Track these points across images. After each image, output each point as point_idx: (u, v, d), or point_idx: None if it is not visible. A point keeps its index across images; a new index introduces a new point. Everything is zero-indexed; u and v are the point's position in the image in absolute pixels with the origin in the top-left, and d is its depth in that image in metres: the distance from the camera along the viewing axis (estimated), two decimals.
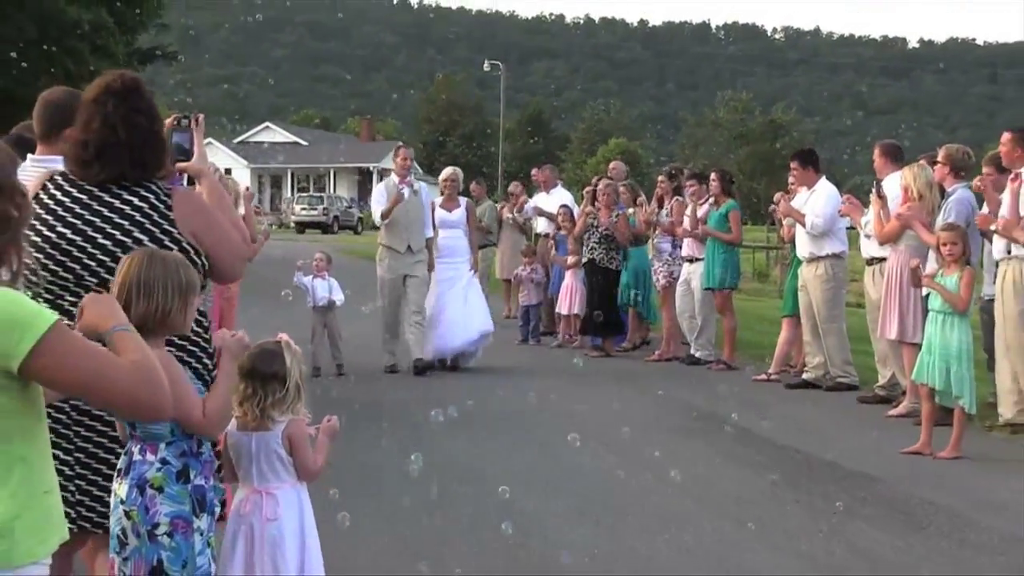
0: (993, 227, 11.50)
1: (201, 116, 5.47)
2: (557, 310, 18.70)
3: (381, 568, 7.02)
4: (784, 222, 15.89)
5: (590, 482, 9.59)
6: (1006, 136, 11.88)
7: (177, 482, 4.51)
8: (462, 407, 12.50)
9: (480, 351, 16.13)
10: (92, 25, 28.34)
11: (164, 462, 4.50)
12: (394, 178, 16.17)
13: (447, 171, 16.95)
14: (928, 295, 10.91)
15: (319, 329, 14.93)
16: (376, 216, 16.10)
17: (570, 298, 17.87)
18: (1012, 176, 11.34)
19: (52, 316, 2.98)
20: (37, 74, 24.69)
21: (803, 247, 14.55)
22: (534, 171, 22.54)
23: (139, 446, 4.49)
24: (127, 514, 4.49)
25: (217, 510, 4.77)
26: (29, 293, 3.18)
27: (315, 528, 5.15)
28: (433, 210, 16.11)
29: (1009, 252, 11.50)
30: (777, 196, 15.99)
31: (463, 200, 16.93)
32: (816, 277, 14.37)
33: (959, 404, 10.43)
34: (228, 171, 57.53)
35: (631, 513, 8.64)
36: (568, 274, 17.95)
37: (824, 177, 15.05)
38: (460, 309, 15.78)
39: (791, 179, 16.11)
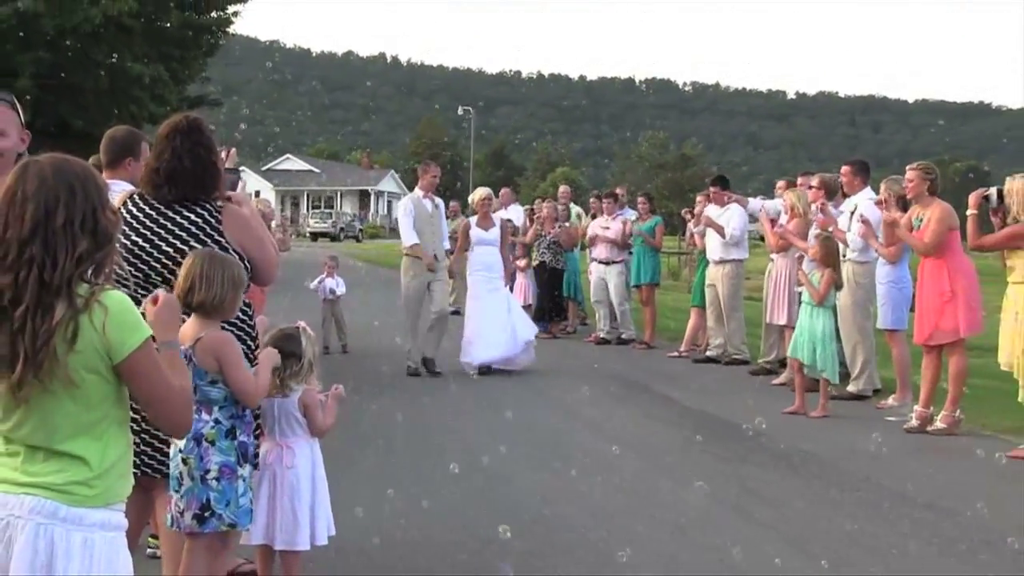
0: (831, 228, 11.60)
1: (234, 149, 5.54)
2: None
3: (363, 495, 6.98)
4: (695, 231, 15.91)
5: (543, 436, 9.57)
6: (845, 168, 12.05)
7: (226, 438, 4.55)
8: (441, 376, 12.55)
9: (525, 357, 13.42)
10: (151, 78, 28.45)
11: (217, 421, 4.54)
12: (419, 192, 13.62)
13: (480, 192, 14.16)
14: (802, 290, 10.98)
15: (328, 316, 14.88)
16: (407, 239, 13.31)
17: (523, 292, 17.79)
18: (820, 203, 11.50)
19: (148, 329, 3.01)
20: (108, 116, 24.64)
21: (714, 252, 14.58)
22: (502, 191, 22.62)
23: (196, 407, 4.45)
24: (184, 460, 4.52)
25: (257, 461, 4.80)
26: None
27: (324, 474, 5.14)
28: (468, 228, 13.76)
29: (844, 256, 11.63)
30: (692, 212, 15.92)
31: (497, 219, 14.06)
32: (723, 276, 14.44)
33: (823, 376, 10.51)
34: (257, 193, 57.51)
35: (574, 460, 8.63)
36: (520, 274, 17.84)
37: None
38: (505, 319, 13.24)
39: (697, 200, 16.27)
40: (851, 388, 11.68)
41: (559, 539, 6.42)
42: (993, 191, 8.94)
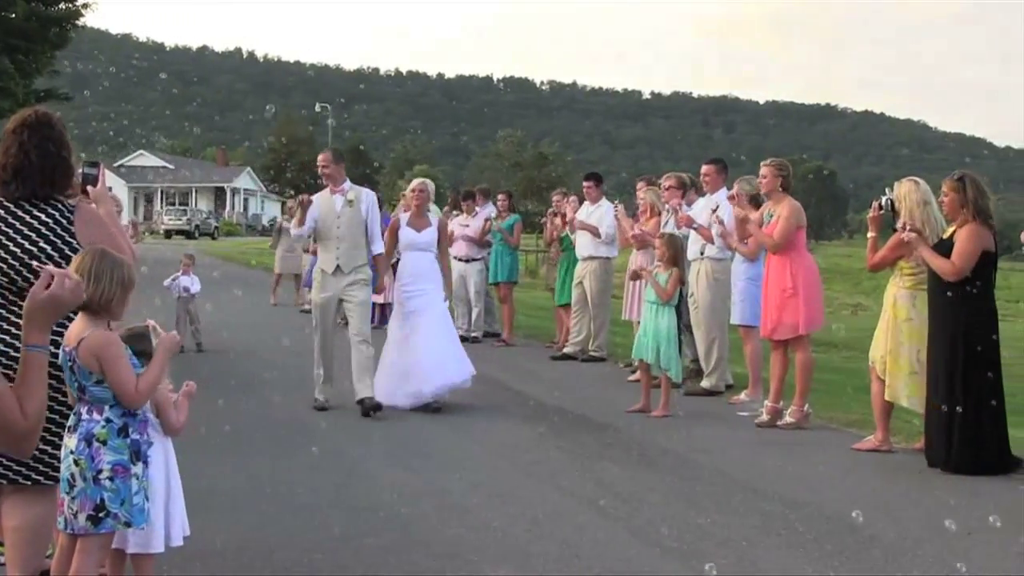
0: (695, 226, 11.81)
1: (102, 165, 5.44)
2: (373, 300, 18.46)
3: (218, 494, 6.91)
4: (550, 225, 16.06)
5: (400, 433, 9.55)
6: (709, 168, 12.21)
7: (118, 436, 4.49)
8: (299, 376, 12.41)
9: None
10: None
11: (108, 420, 4.47)
12: (328, 188, 11.00)
13: (415, 182, 11.64)
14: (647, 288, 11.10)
15: (182, 315, 14.63)
16: (292, 230, 11.41)
17: (385, 292, 17.64)
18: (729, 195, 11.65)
19: None
20: None
21: (583, 249, 14.69)
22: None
23: (87, 407, 4.45)
24: (76, 462, 4.45)
25: (150, 459, 4.71)
26: None
27: (178, 474, 5.05)
28: (396, 228, 11.32)
29: (702, 253, 11.90)
30: (561, 215, 15.93)
31: (434, 218, 11.59)
32: (591, 272, 14.55)
33: (668, 374, 10.67)
34: (110, 188, 56.18)
35: (431, 457, 8.64)
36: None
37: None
38: (440, 345, 10.85)
39: (554, 199, 16.47)
40: (705, 384, 11.93)
41: (415, 535, 6.42)
42: (884, 200, 9.08)
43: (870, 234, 9.31)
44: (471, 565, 5.87)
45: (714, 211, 11.47)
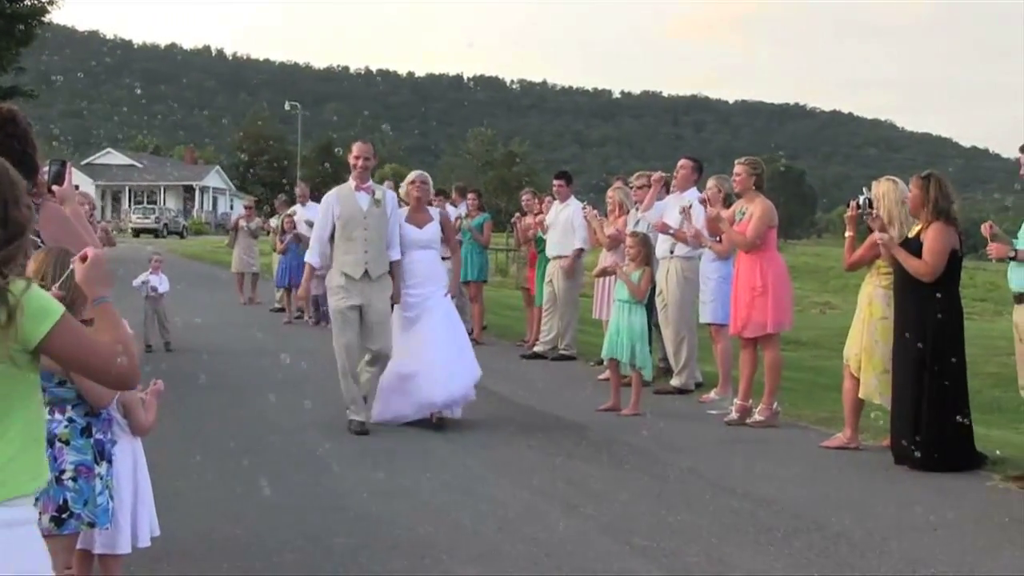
0: (671, 231, 11.83)
1: (69, 163, 5.39)
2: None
3: (188, 494, 6.88)
4: (520, 225, 16.08)
5: (371, 432, 9.51)
6: (687, 162, 12.26)
7: (81, 436, 4.46)
8: (271, 375, 12.37)
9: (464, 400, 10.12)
10: None
11: (71, 420, 4.44)
12: (350, 183, 9.86)
13: (413, 174, 10.53)
14: (617, 287, 11.11)
15: (150, 314, 14.54)
16: (312, 251, 10.04)
17: None
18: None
19: (60, 308, 2.96)
20: None
21: (553, 248, 14.70)
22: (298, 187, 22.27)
23: (48, 408, 4.36)
24: None
25: (115, 459, 4.68)
26: None
27: (147, 474, 5.02)
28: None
29: (672, 252, 11.93)
30: (534, 215, 15.90)
31: (435, 211, 10.57)
32: (561, 271, 14.55)
33: (640, 372, 10.70)
34: (77, 187, 55.81)
35: (401, 457, 8.63)
36: None
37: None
38: (446, 350, 9.84)
39: (523, 199, 16.49)
40: (674, 382, 11.97)
41: (385, 534, 6.41)
42: (862, 199, 9.11)
43: (847, 233, 9.33)
44: (441, 564, 5.87)
45: (687, 208, 11.50)
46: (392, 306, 9.88)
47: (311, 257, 10.04)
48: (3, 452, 2.93)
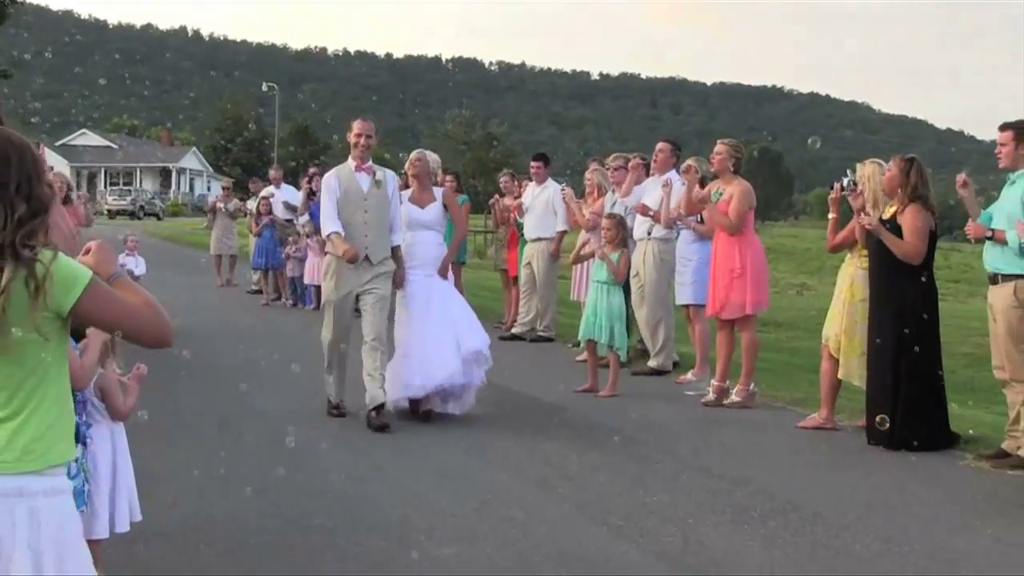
0: (651, 213, 11.83)
1: (43, 144, 5.33)
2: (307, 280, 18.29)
3: (166, 477, 6.87)
4: (499, 207, 16.08)
5: (349, 418, 9.50)
6: (665, 145, 12.25)
7: None
8: (250, 357, 12.35)
9: (473, 389, 9.58)
10: None
11: None
12: (350, 163, 9.38)
13: (414, 153, 10.15)
14: (594, 269, 11.10)
15: None
16: (324, 226, 9.48)
17: (312, 271, 17.38)
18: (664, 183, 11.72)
19: (87, 271, 3.02)
20: None
21: (531, 230, 14.68)
22: (272, 170, 22.25)
23: None
24: None
25: (90, 442, 4.68)
26: None
27: (128, 459, 4.99)
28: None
29: (649, 233, 11.94)
30: (508, 204, 15.88)
31: (439, 191, 10.00)
32: (540, 253, 14.55)
33: (617, 352, 10.72)
34: (51, 168, 55.58)
35: (379, 439, 8.63)
36: (311, 253, 17.46)
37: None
38: (445, 331, 9.35)
39: (501, 180, 16.48)
40: (652, 364, 11.99)
41: (362, 517, 6.42)
42: (845, 181, 9.12)
43: (831, 215, 9.33)
44: (419, 546, 5.88)
45: (668, 184, 11.53)
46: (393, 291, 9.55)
47: (334, 225, 9.23)
48: (42, 421, 2.98)
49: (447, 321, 9.41)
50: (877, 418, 8.26)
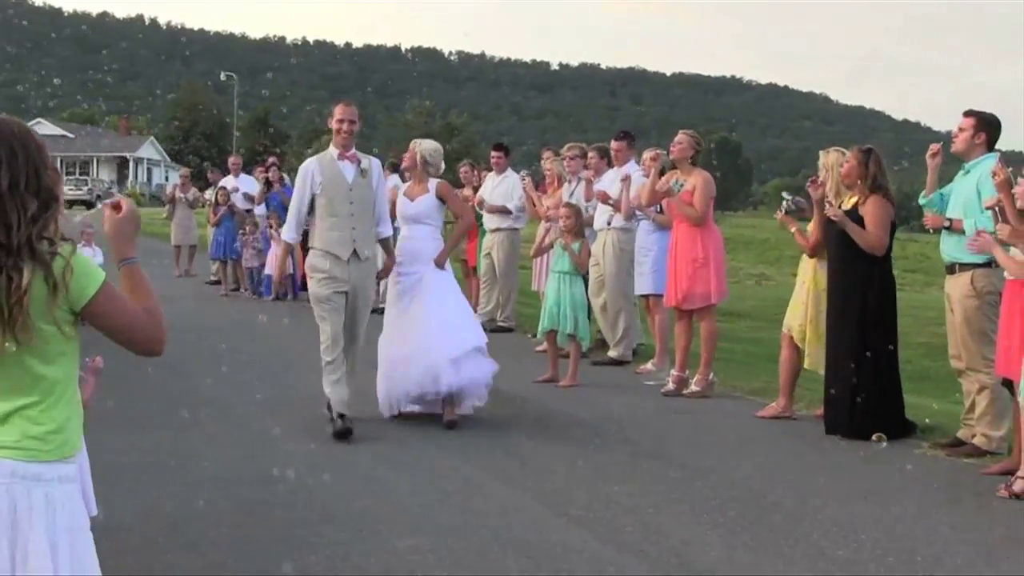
0: (611, 201, 11.84)
1: None
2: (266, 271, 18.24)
3: (123, 468, 6.83)
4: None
5: (309, 406, 9.43)
6: (620, 144, 12.23)
7: None
8: (209, 348, 12.27)
9: (483, 384, 8.99)
10: None
11: None
12: (332, 151, 8.68)
13: (412, 144, 9.39)
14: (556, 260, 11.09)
15: None
16: (288, 227, 8.93)
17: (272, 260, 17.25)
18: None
19: (103, 273, 3.03)
20: None
21: (492, 221, 14.66)
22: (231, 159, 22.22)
23: None
24: None
25: None
26: None
27: (84, 452, 4.92)
28: (394, 198, 9.60)
29: (609, 223, 11.95)
30: (467, 195, 15.84)
31: (433, 184, 9.14)
32: (498, 243, 14.55)
33: (580, 342, 10.74)
34: None
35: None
36: (273, 243, 17.36)
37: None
38: (441, 332, 8.73)
39: (461, 171, 16.43)
40: (612, 354, 12.02)
41: (321, 507, 6.40)
42: (784, 205, 9.15)
43: (792, 229, 9.29)
44: (378, 536, 5.87)
45: (627, 178, 11.57)
46: (379, 285, 8.99)
47: (288, 234, 8.96)
48: (63, 412, 3.03)
49: (439, 321, 8.78)
50: (874, 436, 8.21)
